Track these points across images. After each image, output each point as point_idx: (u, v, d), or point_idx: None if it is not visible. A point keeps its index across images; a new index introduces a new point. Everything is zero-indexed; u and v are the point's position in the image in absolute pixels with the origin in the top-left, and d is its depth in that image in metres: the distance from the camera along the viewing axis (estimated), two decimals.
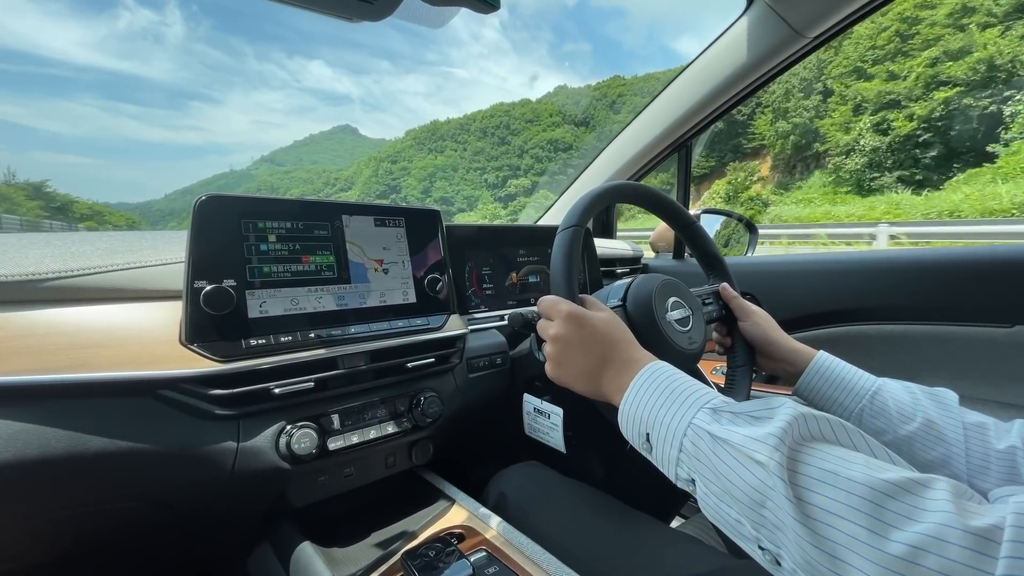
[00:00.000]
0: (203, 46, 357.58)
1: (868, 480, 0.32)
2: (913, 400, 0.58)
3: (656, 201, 0.75)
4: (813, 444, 0.37)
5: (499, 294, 1.04)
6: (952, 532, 0.28)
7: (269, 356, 0.61)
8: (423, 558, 0.57)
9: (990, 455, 0.51)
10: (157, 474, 0.57)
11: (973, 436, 0.53)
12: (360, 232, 0.73)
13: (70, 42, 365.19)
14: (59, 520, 0.58)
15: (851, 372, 0.64)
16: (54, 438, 0.50)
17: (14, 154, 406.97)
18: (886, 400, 0.59)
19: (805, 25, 1.01)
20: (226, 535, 0.73)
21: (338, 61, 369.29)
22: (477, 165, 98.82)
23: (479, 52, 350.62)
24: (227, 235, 0.61)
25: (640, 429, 0.46)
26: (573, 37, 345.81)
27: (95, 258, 0.60)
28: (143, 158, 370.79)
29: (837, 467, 0.34)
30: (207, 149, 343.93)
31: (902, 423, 0.57)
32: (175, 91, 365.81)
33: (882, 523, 0.30)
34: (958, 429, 0.54)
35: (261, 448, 0.60)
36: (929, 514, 0.30)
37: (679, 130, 1.34)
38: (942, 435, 0.54)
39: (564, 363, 0.55)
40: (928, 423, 0.56)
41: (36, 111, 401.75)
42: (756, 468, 0.36)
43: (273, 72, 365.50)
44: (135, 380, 0.54)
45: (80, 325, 0.55)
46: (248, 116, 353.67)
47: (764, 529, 0.36)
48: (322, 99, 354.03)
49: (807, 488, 0.34)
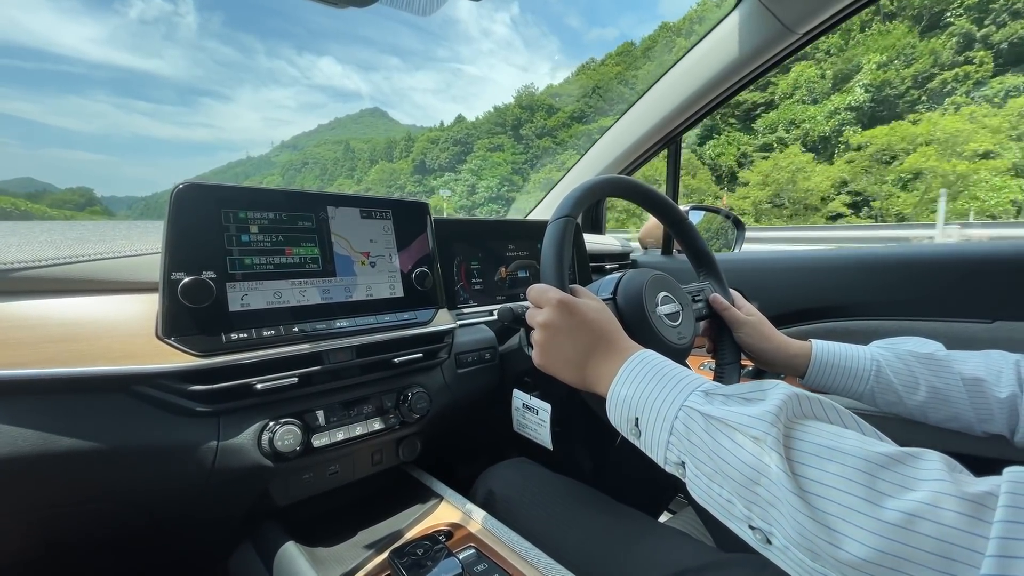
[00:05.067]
0: (214, 42, 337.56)
1: (862, 452, 0.33)
2: (909, 370, 0.64)
3: (647, 196, 0.74)
4: (806, 421, 0.38)
5: (488, 289, 1.03)
6: (947, 499, 0.28)
7: (251, 351, 0.59)
8: (411, 556, 0.56)
9: (992, 405, 0.59)
10: (132, 474, 0.55)
11: (974, 391, 0.60)
12: (346, 224, 0.71)
13: (84, 39, 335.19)
14: (29, 522, 0.55)
15: (848, 357, 0.68)
16: (21, 437, 0.48)
17: (27, 151, 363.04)
18: (889, 377, 0.65)
19: (795, 21, 1.01)
20: (206, 535, 0.71)
21: (348, 58, 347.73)
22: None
23: (489, 48, 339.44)
24: (206, 225, 0.58)
25: (629, 414, 0.46)
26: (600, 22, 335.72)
27: (65, 248, 0.57)
28: (154, 155, 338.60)
29: (832, 442, 0.34)
30: (217, 146, 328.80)
31: (909, 394, 0.64)
32: (186, 88, 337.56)
33: (877, 492, 0.31)
34: (959, 388, 0.61)
35: (242, 446, 0.59)
36: (924, 483, 0.30)
37: (669, 125, 1.33)
38: (947, 398, 0.61)
39: (552, 351, 0.54)
40: (932, 390, 0.62)
41: (49, 108, 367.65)
42: (751, 445, 0.36)
43: (283, 69, 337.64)
44: (107, 375, 0.51)
45: (48, 318, 0.53)
46: (258, 113, 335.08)
47: (756, 507, 0.36)
48: (332, 96, 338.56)
49: (802, 463, 0.34)
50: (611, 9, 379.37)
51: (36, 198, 61.96)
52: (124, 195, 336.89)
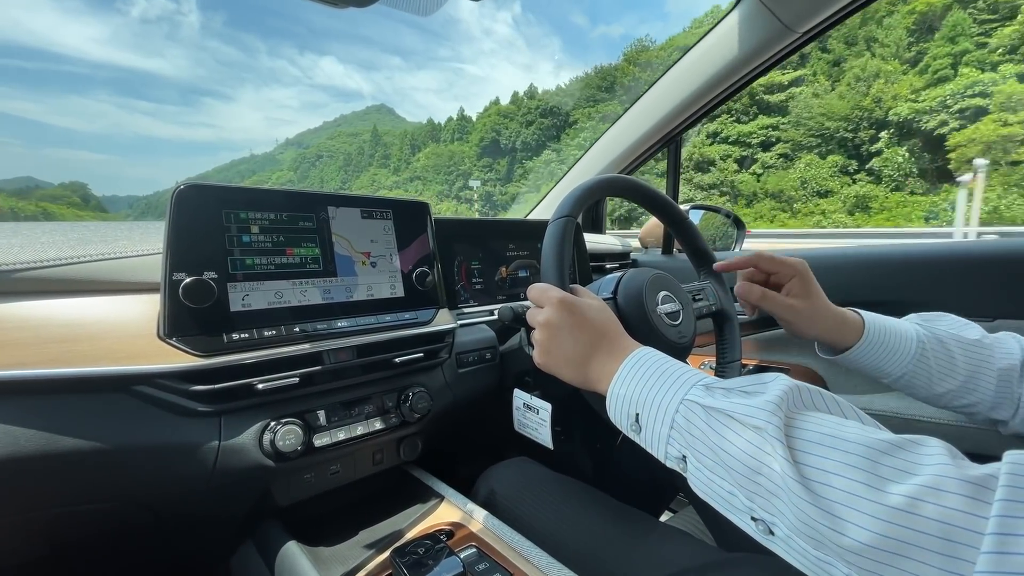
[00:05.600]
0: (216, 42, 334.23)
1: (864, 439, 0.33)
2: (948, 355, 0.60)
3: (648, 196, 0.75)
4: (807, 412, 0.38)
5: (488, 289, 1.03)
6: (949, 482, 0.29)
7: (252, 351, 0.59)
8: (412, 555, 0.56)
9: (1011, 396, 0.57)
10: (134, 474, 0.55)
11: (1003, 382, 0.58)
12: (347, 224, 0.71)
13: (86, 39, 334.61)
14: (32, 522, 0.55)
15: (895, 335, 0.62)
16: (24, 437, 0.48)
17: (29, 150, 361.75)
18: (929, 361, 0.61)
19: (795, 20, 1.01)
20: (208, 535, 0.71)
21: (350, 57, 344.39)
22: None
23: (491, 48, 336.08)
24: (207, 226, 0.58)
25: (629, 410, 0.46)
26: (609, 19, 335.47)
27: (67, 248, 0.57)
28: (156, 155, 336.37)
29: (833, 430, 0.34)
30: (219, 146, 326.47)
31: (940, 380, 0.60)
32: (188, 87, 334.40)
33: (879, 478, 0.31)
34: (992, 379, 0.58)
35: (244, 445, 0.59)
36: (926, 467, 0.30)
37: (669, 125, 1.33)
38: (976, 387, 0.59)
39: (552, 350, 0.54)
40: (967, 378, 0.59)
41: (51, 108, 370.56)
42: (752, 435, 0.36)
43: (285, 68, 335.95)
44: (109, 376, 0.52)
45: (50, 319, 0.53)
46: (260, 113, 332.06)
47: (759, 498, 0.36)
48: (333, 95, 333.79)
49: (804, 451, 0.34)
50: (615, 7, 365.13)
51: (24, 195, 60.46)
52: (126, 195, 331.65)
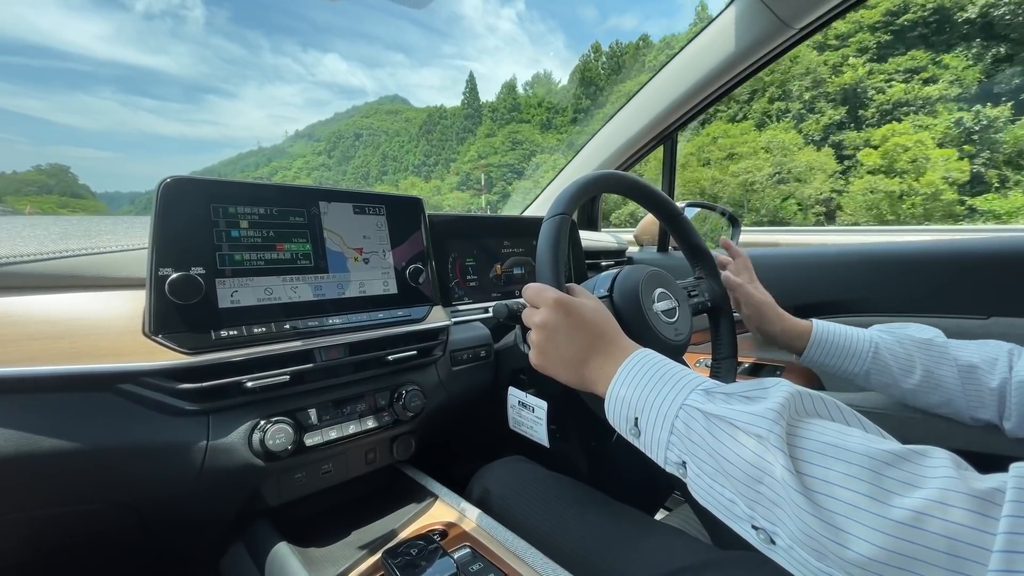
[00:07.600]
0: (219, 39, 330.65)
1: (868, 450, 0.32)
2: (907, 353, 0.66)
3: (643, 192, 0.74)
4: (810, 419, 0.37)
5: (483, 286, 1.02)
6: (955, 496, 0.28)
7: (241, 348, 0.58)
8: (405, 556, 0.55)
9: (983, 393, 0.61)
10: (119, 475, 0.54)
11: (967, 378, 0.62)
12: (339, 220, 0.70)
13: (91, 36, 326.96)
14: (14, 524, 0.54)
15: (846, 337, 0.70)
16: (3, 438, 0.46)
17: (34, 148, 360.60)
18: (886, 358, 0.66)
19: (792, 15, 1.01)
20: (197, 536, 0.70)
21: (353, 54, 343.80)
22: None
23: (495, 45, 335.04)
24: (195, 220, 0.57)
25: (628, 414, 0.45)
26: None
27: (48, 243, 0.56)
28: (159, 152, 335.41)
29: (836, 439, 0.34)
30: (222, 143, 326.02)
31: (904, 376, 0.65)
32: (191, 85, 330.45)
33: (883, 490, 0.30)
34: (954, 375, 0.62)
35: (233, 445, 0.57)
36: (931, 480, 0.30)
37: (665, 121, 1.33)
38: (940, 383, 0.63)
39: (549, 351, 0.53)
40: (927, 373, 0.64)
41: (56, 105, 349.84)
42: (754, 443, 0.35)
43: (288, 66, 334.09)
44: (93, 374, 0.50)
45: (31, 315, 0.51)
46: (264, 110, 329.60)
47: (760, 507, 0.35)
48: (336, 92, 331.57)
49: (806, 461, 0.34)
50: (619, 5, 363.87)
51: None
52: (128, 191, 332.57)
